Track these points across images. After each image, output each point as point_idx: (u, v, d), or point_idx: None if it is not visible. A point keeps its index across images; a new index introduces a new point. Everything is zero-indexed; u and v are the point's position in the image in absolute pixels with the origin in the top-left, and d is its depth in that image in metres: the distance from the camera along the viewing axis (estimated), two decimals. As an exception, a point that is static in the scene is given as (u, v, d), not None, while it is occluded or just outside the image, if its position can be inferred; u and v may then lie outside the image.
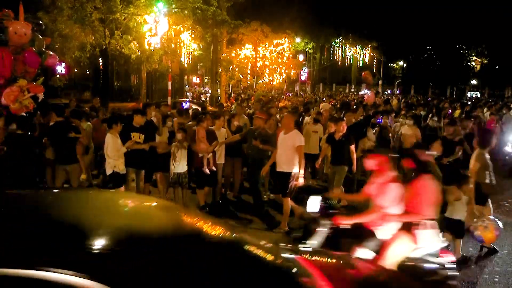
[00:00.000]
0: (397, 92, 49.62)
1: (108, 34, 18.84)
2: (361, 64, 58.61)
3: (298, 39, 43.90)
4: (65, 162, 7.56)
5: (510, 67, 50.99)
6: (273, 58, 38.02)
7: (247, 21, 30.33)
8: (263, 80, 38.94)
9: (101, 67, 23.03)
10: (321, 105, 14.86)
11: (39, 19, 11.64)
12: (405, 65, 66.22)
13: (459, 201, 5.79)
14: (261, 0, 36.19)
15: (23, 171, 7.45)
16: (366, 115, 11.02)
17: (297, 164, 6.87)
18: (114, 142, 7.01)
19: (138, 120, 7.44)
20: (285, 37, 37.36)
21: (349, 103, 16.90)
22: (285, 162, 6.91)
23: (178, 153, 7.70)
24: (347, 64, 60.24)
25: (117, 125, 7.15)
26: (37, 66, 8.72)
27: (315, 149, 9.41)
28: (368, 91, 16.17)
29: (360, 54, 59.47)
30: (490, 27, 51.90)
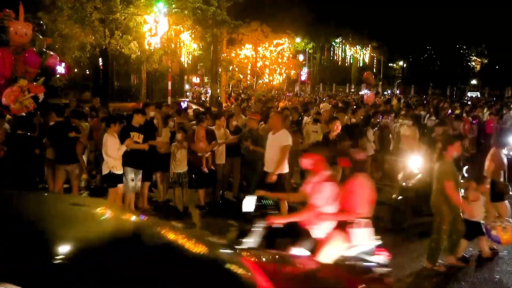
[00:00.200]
0: (397, 92, 49.61)
1: (108, 34, 18.87)
2: (361, 64, 58.61)
3: (298, 39, 43.88)
4: (65, 162, 7.56)
5: (510, 67, 50.96)
6: (273, 58, 38.03)
7: (247, 21, 30.34)
8: (263, 80, 38.92)
9: (101, 67, 23.05)
10: (321, 105, 14.88)
11: (39, 19, 11.67)
12: (405, 65, 66.18)
13: (476, 202, 5.70)
14: (261, 0, 36.21)
15: (23, 171, 7.46)
16: (366, 115, 11.03)
17: (287, 165, 6.81)
18: (113, 142, 6.98)
19: (138, 119, 7.41)
20: (285, 37, 37.37)
21: (348, 103, 16.92)
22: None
23: (178, 153, 7.71)
24: (347, 64, 60.17)
25: (115, 125, 7.12)
26: (37, 66, 8.71)
27: (315, 149, 9.40)
28: (368, 91, 16.16)
29: (360, 54, 59.46)
30: (490, 27, 51.95)
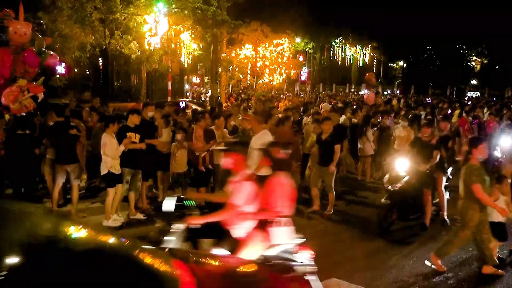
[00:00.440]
0: (397, 92, 49.62)
1: (108, 34, 18.84)
2: (361, 64, 58.66)
3: (298, 39, 43.88)
4: (65, 162, 7.54)
5: (510, 67, 51.04)
6: (273, 58, 38.05)
7: (247, 21, 30.33)
8: (263, 80, 38.95)
9: (101, 67, 23.00)
10: (322, 105, 14.87)
11: (39, 19, 11.66)
12: (405, 65, 66.23)
13: (497, 201, 5.62)
14: (261, 0, 36.21)
15: (23, 171, 7.45)
16: (366, 114, 11.01)
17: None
18: (111, 142, 6.99)
19: (133, 119, 7.38)
20: (285, 37, 37.39)
21: (348, 103, 16.91)
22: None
23: (178, 153, 7.71)
24: (347, 64, 60.19)
25: (113, 125, 7.11)
26: (36, 66, 8.72)
27: (314, 149, 9.39)
28: (368, 91, 16.15)
29: (360, 54, 59.49)
30: (490, 27, 52.04)
